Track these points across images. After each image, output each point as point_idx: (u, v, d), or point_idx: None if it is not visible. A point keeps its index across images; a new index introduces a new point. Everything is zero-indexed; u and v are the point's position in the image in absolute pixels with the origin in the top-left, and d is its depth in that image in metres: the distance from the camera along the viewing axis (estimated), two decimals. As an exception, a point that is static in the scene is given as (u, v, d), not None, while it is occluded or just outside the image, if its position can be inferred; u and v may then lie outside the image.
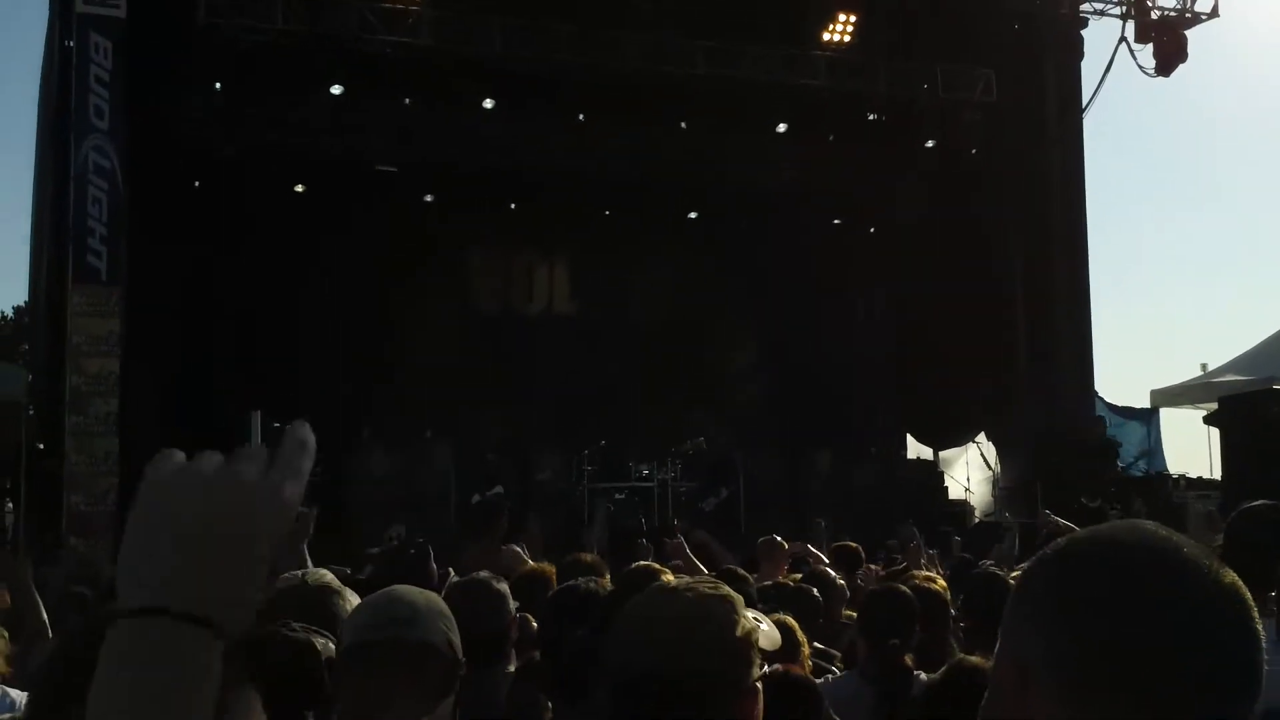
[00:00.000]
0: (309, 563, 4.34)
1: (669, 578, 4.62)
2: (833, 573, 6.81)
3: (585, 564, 4.78)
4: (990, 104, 18.93)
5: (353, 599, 3.10)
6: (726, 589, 2.16)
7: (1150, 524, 1.29)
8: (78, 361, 14.12)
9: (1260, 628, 1.22)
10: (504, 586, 3.81)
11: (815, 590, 5.86)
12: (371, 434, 17.55)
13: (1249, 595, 1.22)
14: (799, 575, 6.78)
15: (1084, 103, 18.70)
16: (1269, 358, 20.50)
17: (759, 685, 2.06)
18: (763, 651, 2.09)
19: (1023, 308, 19.03)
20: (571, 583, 4.16)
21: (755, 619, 2.12)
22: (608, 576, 4.62)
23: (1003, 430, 19.52)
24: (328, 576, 3.23)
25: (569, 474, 17.55)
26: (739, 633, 2.04)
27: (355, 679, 2.38)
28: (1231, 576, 1.22)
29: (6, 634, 4.54)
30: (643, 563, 5.20)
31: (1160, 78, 17.34)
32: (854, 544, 8.55)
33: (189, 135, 16.85)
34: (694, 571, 5.89)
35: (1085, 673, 1.17)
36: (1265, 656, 1.21)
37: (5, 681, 4.04)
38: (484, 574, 3.86)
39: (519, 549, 6.69)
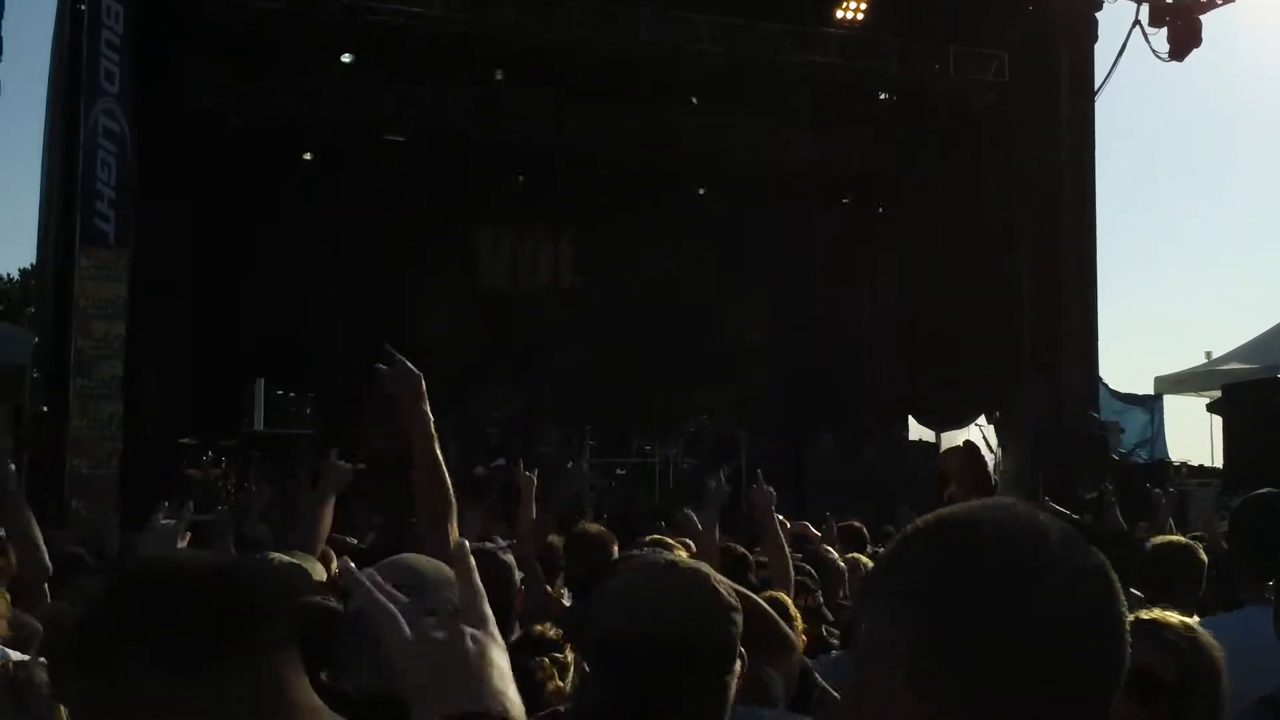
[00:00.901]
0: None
1: (681, 552, 4.66)
2: (834, 553, 6.82)
3: (592, 536, 4.78)
4: (1002, 86, 18.88)
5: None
6: (702, 564, 2.24)
7: (1016, 503, 1.25)
8: (84, 324, 14.12)
9: (1123, 613, 1.20)
10: (510, 557, 3.82)
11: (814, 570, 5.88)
12: (378, 407, 17.56)
13: (1115, 578, 1.20)
14: (799, 555, 6.79)
15: (1096, 87, 18.63)
16: (1274, 346, 20.48)
17: (743, 652, 2.10)
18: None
19: (1029, 292, 19.00)
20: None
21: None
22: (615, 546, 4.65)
23: (1005, 415, 19.52)
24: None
25: (570, 449, 17.58)
26: (723, 601, 2.09)
27: (359, 648, 2.37)
28: (1097, 559, 1.20)
29: (9, 596, 4.53)
30: (656, 537, 5.24)
31: (1173, 62, 17.27)
32: (858, 523, 8.57)
33: (198, 101, 16.84)
34: (706, 544, 5.91)
35: (930, 654, 1.15)
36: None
37: (5, 642, 4.05)
38: (490, 544, 3.88)
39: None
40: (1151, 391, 22.35)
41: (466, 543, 1.51)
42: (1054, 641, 1.14)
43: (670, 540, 5.48)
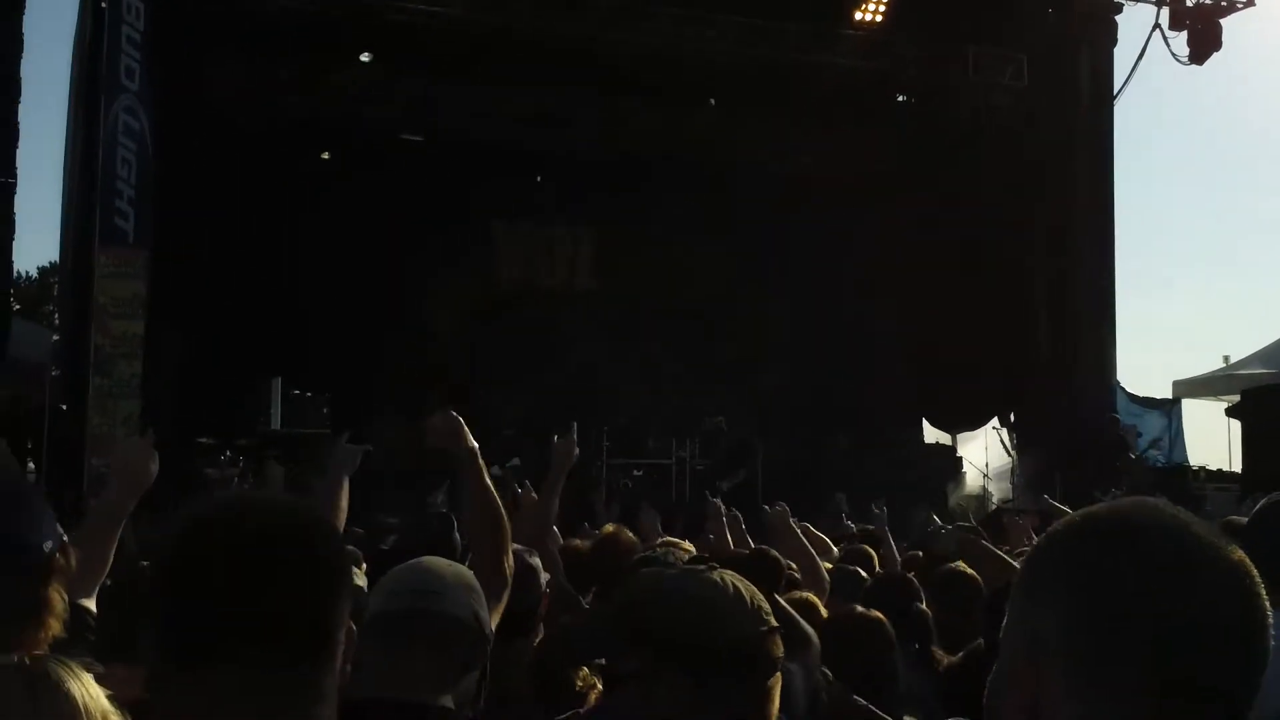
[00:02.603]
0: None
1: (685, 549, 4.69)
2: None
3: (622, 540, 4.78)
4: (1021, 89, 18.83)
5: None
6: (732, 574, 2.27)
7: (1160, 501, 1.30)
8: (102, 323, 14.15)
9: (1267, 606, 1.23)
10: (537, 560, 3.82)
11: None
12: (392, 405, 17.62)
13: (1256, 574, 1.24)
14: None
15: (1115, 90, 18.59)
16: (1293, 351, 20.42)
17: (779, 655, 2.20)
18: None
19: (1046, 295, 18.95)
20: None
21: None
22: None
23: (1022, 418, 19.48)
24: None
25: (586, 450, 17.53)
26: (763, 607, 2.20)
27: (375, 650, 2.36)
28: (1240, 554, 1.23)
29: (65, 596, 4.51)
30: (667, 538, 5.27)
31: (1193, 66, 17.21)
32: (872, 528, 8.56)
33: (218, 99, 16.88)
34: (726, 542, 5.98)
35: (1093, 646, 1.19)
36: (1272, 637, 1.22)
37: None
38: (518, 546, 3.87)
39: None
40: (1170, 395, 22.27)
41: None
42: (1215, 632, 1.19)
43: (677, 542, 5.53)
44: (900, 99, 19.86)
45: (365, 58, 17.69)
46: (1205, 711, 1.19)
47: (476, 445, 3.46)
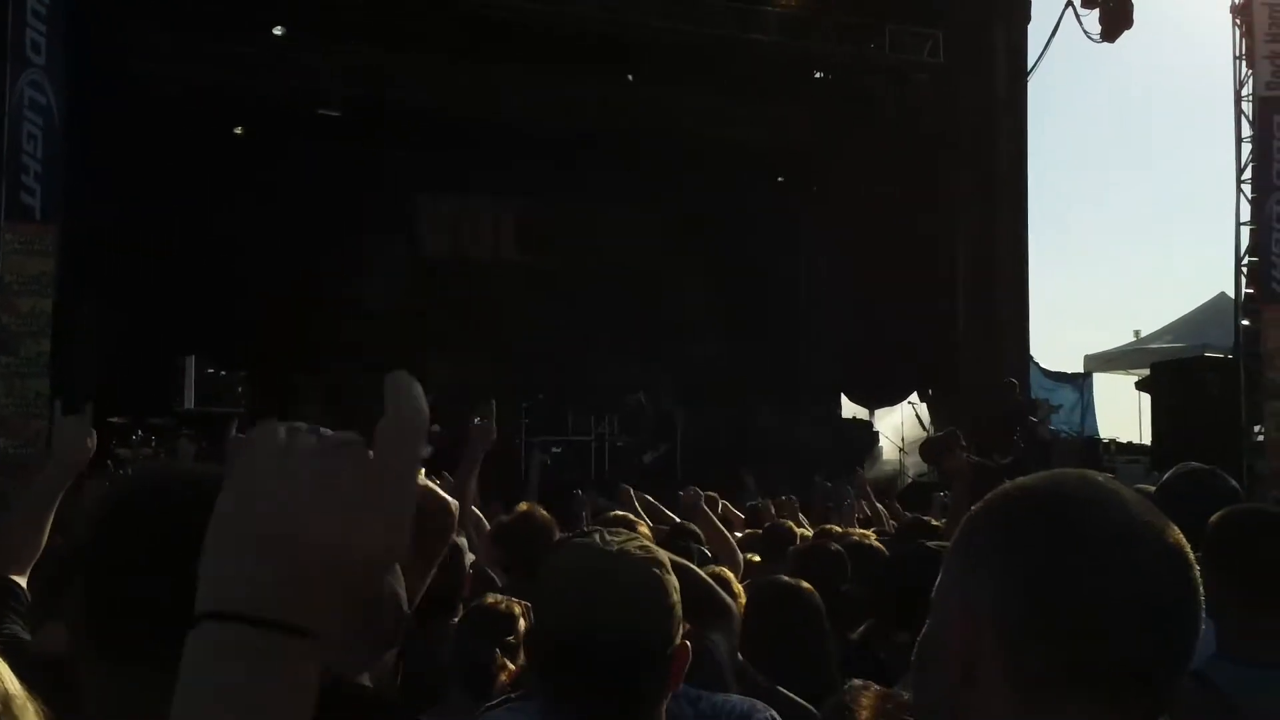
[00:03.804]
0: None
1: (644, 529, 4.65)
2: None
3: (538, 519, 4.74)
4: (938, 65, 18.98)
5: None
6: (657, 549, 2.16)
7: (1095, 474, 1.28)
8: (9, 301, 13.84)
9: (1200, 581, 1.22)
10: (463, 540, 3.80)
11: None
12: (313, 381, 17.45)
13: (1190, 548, 1.23)
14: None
15: (1029, 66, 18.81)
16: (1201, 325, 20.90)
17: (687, 644, 2.07)
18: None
19: (962, 272, 19.16)
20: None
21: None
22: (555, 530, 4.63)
23: (939, 393, 19.70)
24: None
25: (506, 425, 17.45)
26: (673, 596, 2.06)
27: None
28: (1175, 530, 1.22)
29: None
30: (618, 513, 5.28)
31: (1105, 43, 17.44)
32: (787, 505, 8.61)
33: (131, 71, 16.53)
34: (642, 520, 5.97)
35: (1031, 621, 1.17)
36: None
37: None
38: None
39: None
40: (1081, 370, 22.67)
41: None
42: (1146, 602, 1.17)
43: (633, 518, 5.54)
44: (818, 75, 19.94)
45: (278, 31, 17.37)
46: (1137, 696, 1.18)
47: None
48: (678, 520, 6.51)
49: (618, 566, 2.04)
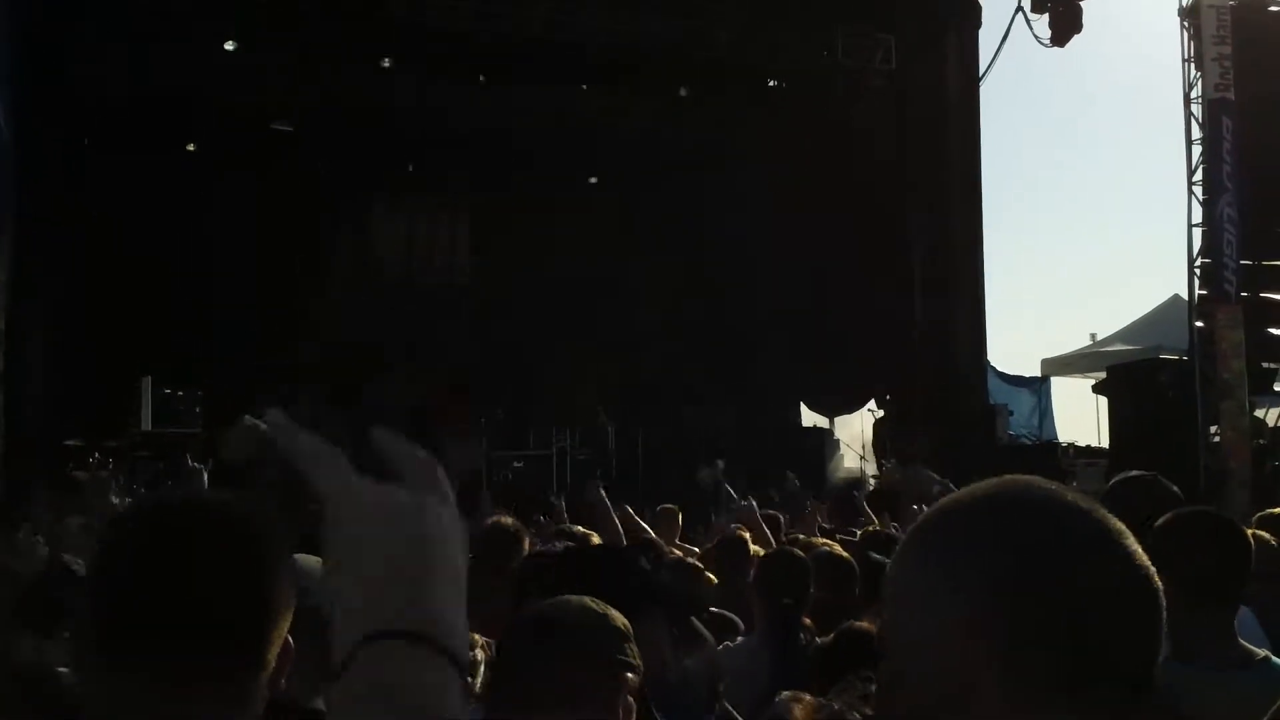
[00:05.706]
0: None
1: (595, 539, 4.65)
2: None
3: (504, 527, 4.71)
4: (890, 71, 19.07)
5: None
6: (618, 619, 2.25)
7: (1046, 480, 1.25)
8: (-42, 311, 13.61)
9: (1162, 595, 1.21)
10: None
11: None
12: (268, 400, 17.28)
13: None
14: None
15: (981, 71, 18.93)
16: (1156, 327, 21.04)
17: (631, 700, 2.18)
18: None
19: (920, 277, 19.22)
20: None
21: None
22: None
23: (897, 400, 19.75)
24: None
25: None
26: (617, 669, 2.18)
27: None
28: (1122, 527, 1.21)
29: None
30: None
31: (1055, 48, 17.57)
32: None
33: (83, 83, 16.33)
34: (608, 532, 6.05)
35: (1024, 631, 1.14)
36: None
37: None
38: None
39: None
40: (1038, 374, 22.79)
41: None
42: (1130, 618, 1.17)
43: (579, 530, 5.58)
44: (771, 84, 20.01)
45: (230, 46, 17.22)
46: (1134, 699, 1.16)
47: None
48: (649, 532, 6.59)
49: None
